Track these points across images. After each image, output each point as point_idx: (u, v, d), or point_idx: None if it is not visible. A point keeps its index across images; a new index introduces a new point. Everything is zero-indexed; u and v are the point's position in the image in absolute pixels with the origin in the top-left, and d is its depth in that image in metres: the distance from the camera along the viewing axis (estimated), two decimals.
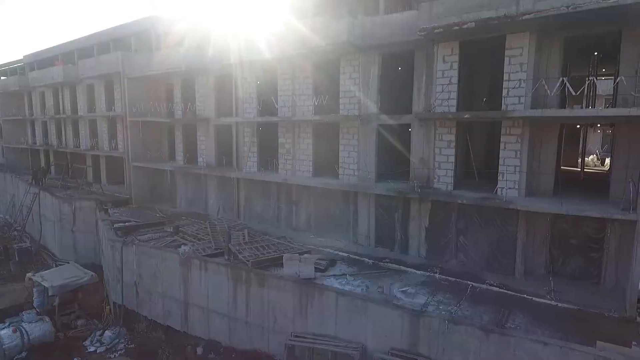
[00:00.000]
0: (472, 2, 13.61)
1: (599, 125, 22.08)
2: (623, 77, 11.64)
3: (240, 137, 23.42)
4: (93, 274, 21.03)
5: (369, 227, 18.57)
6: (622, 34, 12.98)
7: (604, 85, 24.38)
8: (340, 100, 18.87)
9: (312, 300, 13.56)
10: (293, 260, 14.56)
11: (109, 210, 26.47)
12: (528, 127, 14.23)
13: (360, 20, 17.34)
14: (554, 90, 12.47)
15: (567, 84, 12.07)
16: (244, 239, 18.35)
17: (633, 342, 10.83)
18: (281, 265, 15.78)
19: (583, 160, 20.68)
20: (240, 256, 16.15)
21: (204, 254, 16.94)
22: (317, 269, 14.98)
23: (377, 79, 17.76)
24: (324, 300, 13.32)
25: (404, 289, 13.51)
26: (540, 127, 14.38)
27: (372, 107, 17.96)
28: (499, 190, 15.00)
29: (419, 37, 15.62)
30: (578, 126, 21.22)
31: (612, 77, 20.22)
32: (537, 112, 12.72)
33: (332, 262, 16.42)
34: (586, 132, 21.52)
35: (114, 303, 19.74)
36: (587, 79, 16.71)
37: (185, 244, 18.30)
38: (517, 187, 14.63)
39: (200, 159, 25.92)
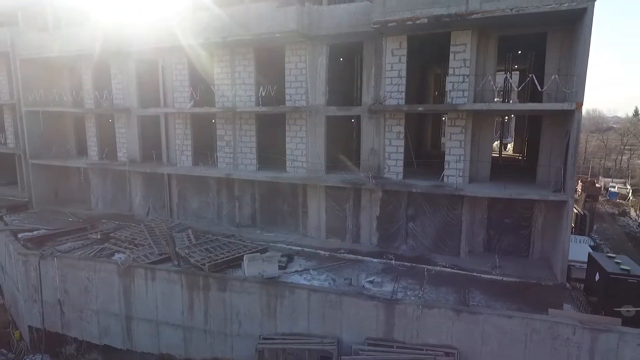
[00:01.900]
0: None
1: (512, 115, 24.99)
2: (556, 76, 13.21)
3: (171, 129, 21.43)
4: None
5: (320, 218, 18.55)
6: (547, 35, 14.67)
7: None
8: (286, 90, 18.30)
9: (282, 300, 13.12)
10: (256, 260, 13.89)
11: (4, 217, 22.35)
12: (471, 119, 15.44)
13: (307, 8, 16.87)
14: (499, 86, 13.67)
15: (510, 80, 13.33)
16: (189, 240, 16.94)
17: (564, 304, 12.63)
18: (237, 266, 15.03)
19: (501, 147, 23.24)
20: (192, 260, 14.89)
21: (147, 261, 15.24)
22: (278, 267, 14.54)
23: (325, 69, 17.56)
24: (295, 298, 12.97)
25: (370, 279, 13.80)
26: (480, 119, 15.70)
27: (321, 98, 17.77)
28: (445, 177, 16.08)
29: (368, 29, 15.83)
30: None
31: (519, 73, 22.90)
32: (484, 106, 13.84)
33: (291, 258, 16.09)
34: (503, 121, 24.18)
35: (29, 327, 16.81)
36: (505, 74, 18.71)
37: (121, 252, 16.27)
38: (461, 174, 15.80)
39: (120, 154, 23.12)
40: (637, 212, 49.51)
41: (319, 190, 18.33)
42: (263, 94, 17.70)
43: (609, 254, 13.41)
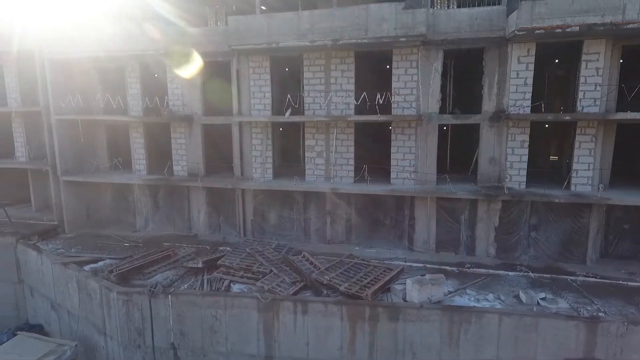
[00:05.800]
0: (577, 6, 13.85)
1: None
2: None
3: (246, 140, 19.37)
4: (75, 343, 14.74)
5: (429, 231, 17.71)
6: None
7: None
8: (393, 97, 17.21)
9: (467, 326, 12.16)
10: (425, 284, 12.79)
11: (38, 245, 18.96)
12: (602, 127, 15.51)
13: (428, 11, 15.97)
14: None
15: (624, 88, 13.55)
16: (312, 264, 15.32)
17: None
18: (386, 290, 13.81)
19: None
20: (341, 288, 13.37)
21: (285, 292, 13.46)
22: None
23: (439, 76, 16.76)
24: (483, 324, 12.09)
25: (542, 296, 13.27)
26: (606, 127, 15.80)
27: (434, 106, 16.94)
28: (572, 186, 16.01)
29: (491, 35, 15.56)
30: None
31: None
32: (630, 115, 13.91)
33: None
34: None
35: None
36: None
37: (238, 282, 14.29)
38: (589, 182, 15.83)
39: (178, 168, 20.52)
40: None
41: (429, 202, 17.49)
42: (381, 101, 16.45)
43: None
